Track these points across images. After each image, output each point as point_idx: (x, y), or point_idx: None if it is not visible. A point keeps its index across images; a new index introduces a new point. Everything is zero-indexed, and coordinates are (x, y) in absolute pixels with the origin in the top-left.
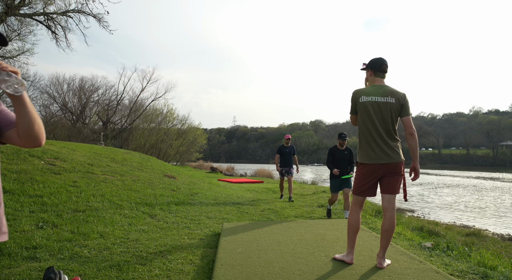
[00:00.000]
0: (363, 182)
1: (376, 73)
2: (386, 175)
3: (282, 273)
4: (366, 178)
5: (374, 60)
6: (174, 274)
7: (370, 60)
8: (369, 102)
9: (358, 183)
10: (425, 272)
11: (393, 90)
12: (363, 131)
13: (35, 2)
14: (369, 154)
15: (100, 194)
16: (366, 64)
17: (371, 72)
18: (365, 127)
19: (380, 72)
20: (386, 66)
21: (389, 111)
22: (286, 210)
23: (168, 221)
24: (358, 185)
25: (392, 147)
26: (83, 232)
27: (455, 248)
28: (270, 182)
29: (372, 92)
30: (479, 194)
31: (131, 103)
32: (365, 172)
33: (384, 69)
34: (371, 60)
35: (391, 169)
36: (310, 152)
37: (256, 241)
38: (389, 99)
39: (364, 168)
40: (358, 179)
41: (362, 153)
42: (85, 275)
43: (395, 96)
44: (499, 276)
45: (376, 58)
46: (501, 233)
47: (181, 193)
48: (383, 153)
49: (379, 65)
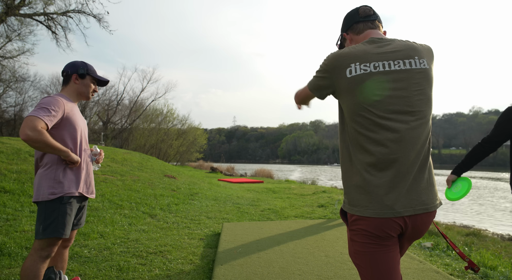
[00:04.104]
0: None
1: (356, 28)
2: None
3: (282, 273)
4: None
5: (344, 18)
6: (174, 274)
7: (342, 22)
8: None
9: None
10: (425, 272)
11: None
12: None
13: (35, 2)
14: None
15: (100, 194)
16: (339, 37)
17: (349, 36)
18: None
19: (361, 23)
20: (368, 8)
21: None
22: (286, 210)
23: (168, 221)
24: None
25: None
26: (83, 232)
27: None
28: (270, 182)
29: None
30: (478, 194)
31: (131, 103)
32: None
33: (368, 13)
34: (343, 19)
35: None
36: (310, 151)
37: (256, 241)
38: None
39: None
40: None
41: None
42: (85, 275)
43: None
44: (499, 276)
45: (345, 16)
46: (501, 233)
47: (181, 193)
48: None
49: (354, 12)
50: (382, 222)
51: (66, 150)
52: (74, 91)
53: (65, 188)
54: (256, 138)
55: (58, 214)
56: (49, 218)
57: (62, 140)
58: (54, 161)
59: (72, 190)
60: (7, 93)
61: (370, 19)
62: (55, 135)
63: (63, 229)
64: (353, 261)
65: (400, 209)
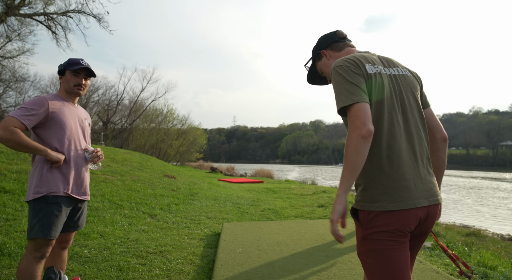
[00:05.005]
0: None
1: (336, 46)
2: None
3: (282, 273)
4: None
5: (319, 39)
6: (174, 274)
7: (313, 47)
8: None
9: None
10: (425, 272)
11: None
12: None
13: (35, 2)
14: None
15: (100, 194)
16: (312, 55)
17: (328, 53)
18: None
19: (342, 42)
20: (344, 32)
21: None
22: (286, 210)
23: (168, 221)
24: None
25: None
26: (83, 232)
27: (455, 248)
28: (270, 182)
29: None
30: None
31: (131, 103)
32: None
33: (345, 35)
34: (315, 45)
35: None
36: (310, 152)
37: (256, 241)
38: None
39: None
40: None
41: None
42: (85, 275)
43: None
44: (499, 276)
45: (319, 38)
46: (501, 233)
47: (181, 193)
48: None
49: (332, 34)
50: (404, 215)
51: (43, 149)
52: (63, 90)
53: (50, 186)
54: (256, 138)
55: (43, 214)
56: (35, 218)
57: (47, 139)
58: (41, 160)
59: (57, 189)
60: (7, 93)
61: (347, 40)
62: (41, 134)
63: (48, 230)
64: (363, 260)
65: (419, 199)
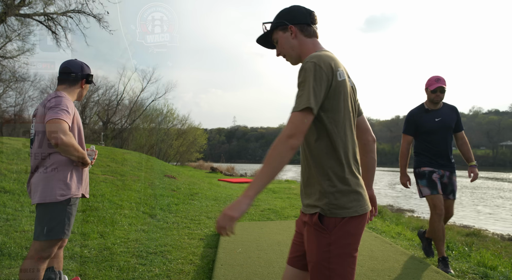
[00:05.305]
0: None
1: (307, 29)
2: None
3: (282, 273)
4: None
5: (293, 9)
6: (174, 274)
7: (283, 11)
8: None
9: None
10: (425, 272)
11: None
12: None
13: (35, 2)
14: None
15: (100, 194)
16: (277, 21)
17: (295, 31)
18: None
19: (313, 28)
20: (316, 17)
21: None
22: (286, 210)
23: (168, 221)
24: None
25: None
26: (83, 232)
27: (455, 248)
28: None
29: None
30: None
31: (131, 103)
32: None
33: (317, 22)
34: (286, 10)
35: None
36: None
37: (256, 241)
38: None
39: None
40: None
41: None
42: (85, 275)
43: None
44: (499, 276)
45: (294, 6)
46: (501, 233)
47: (181, 193)
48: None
49: (308, 14)
50: (364, 218)
51: (84, 152)
52: (77, 93)
53: (72, 189)
54: (256, 138)
55: (64, 215)
56: (55, 220)
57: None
58: (62, 162)
59: (78, 191)
60: (7, 93)
61: (316, 27)
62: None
63: (68, 231)
64: (324, 266)
65: (367, 203)
